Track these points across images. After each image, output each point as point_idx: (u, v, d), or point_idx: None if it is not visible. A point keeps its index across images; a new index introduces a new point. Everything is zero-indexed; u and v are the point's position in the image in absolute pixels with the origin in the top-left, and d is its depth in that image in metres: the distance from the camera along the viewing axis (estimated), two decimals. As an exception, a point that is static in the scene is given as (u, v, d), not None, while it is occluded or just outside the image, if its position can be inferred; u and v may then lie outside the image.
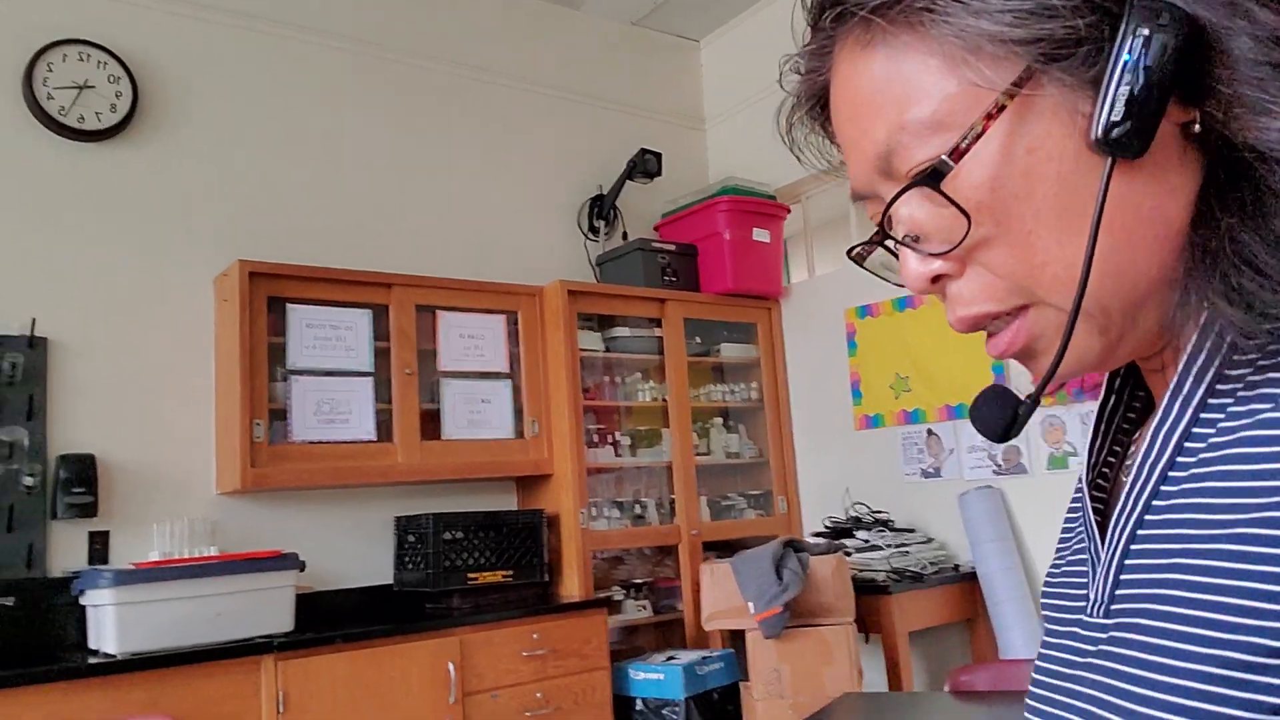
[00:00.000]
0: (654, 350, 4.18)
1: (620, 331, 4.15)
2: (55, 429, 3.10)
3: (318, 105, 3.83)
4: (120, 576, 2.75)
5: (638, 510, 4.04)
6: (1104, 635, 0.50)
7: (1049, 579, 0.63)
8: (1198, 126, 0.48)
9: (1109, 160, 0.47)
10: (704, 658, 3.43)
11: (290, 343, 3.37)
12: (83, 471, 3.03)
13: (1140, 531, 0.50)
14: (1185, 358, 0.50)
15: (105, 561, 3.08)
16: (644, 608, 3.93)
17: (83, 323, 3.21)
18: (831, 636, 3.17)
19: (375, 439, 3.47)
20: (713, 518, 4.20)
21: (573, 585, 3.69)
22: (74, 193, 3.28)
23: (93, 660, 2.70)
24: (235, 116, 3.64)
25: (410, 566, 3.52)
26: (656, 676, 3.38)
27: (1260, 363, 0.47)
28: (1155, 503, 0.49)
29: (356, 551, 3.60)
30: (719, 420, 4.42)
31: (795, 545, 3.28)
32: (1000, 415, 0.53)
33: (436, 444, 3.60)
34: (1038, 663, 0.59)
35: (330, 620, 3.30)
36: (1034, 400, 0.51)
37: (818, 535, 3.77)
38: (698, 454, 4.19)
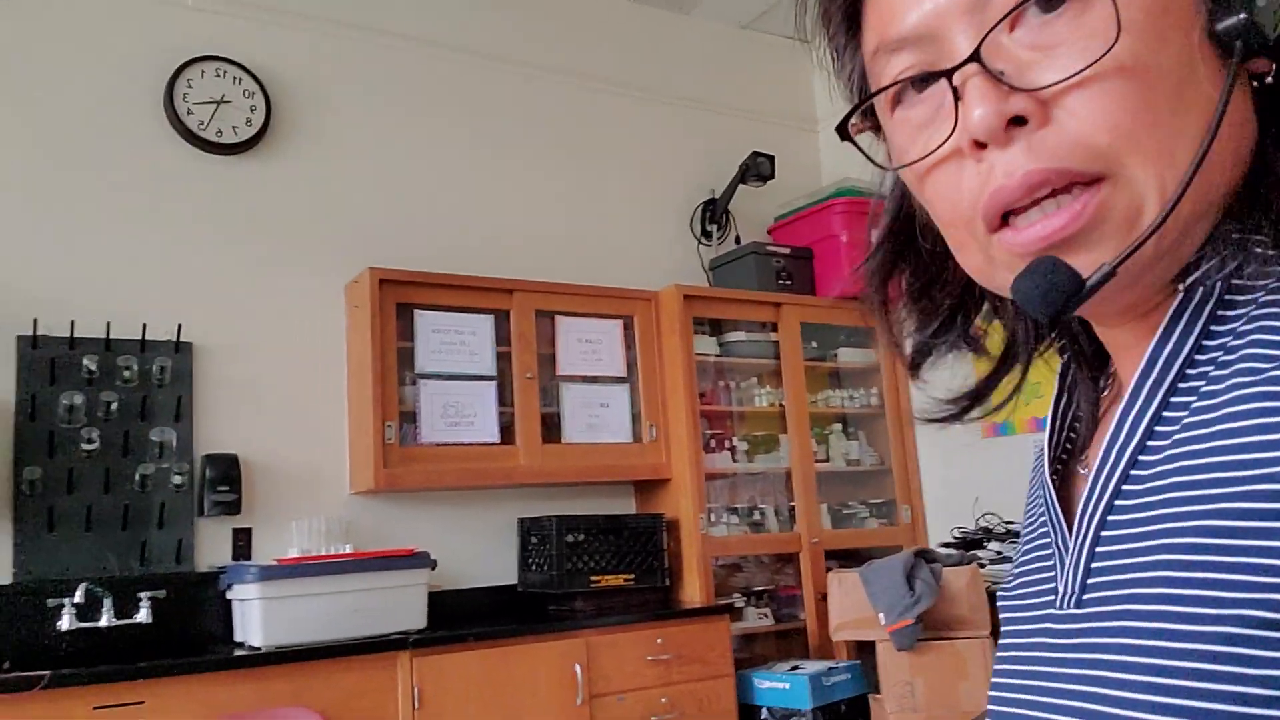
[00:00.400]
0: (769, 355, 4.14)
1: (735, 336, 4.12)
2: (201, 430, 3.22)
3: (439, 116, 3.91)
4: (265, 572, 2.83)
5: (756, 516, 4.00)
6: (1078, 627, 0.49)
7: (1007, 582, 0.61)
8: (1270, 79, 0.48)
9: (1239, 44, 0.46)
10: (830, 668, 3.37)
11: (418, 347, 3.44)
12: (227, 471, 3.13)
13: (1111, 518, 0.48)
14: (1157, 337, 0.48)
15: (248, 557, 3.18)
16: (765, 615, 3.89)
17: (224, 328, 3.33)
18: (966, 650, 3.08)
19: (498, 442, 3.51)
20: (833, 526, 4.13)
21: (693, 591, 3.67)
22: (213, 204, 3.41)
23: (239, 652, 2.79)
24: (363, 128, 3.74)
25: (534, 568, 3.55)
26: (782, 686, 3.34)
27: (1231, 343, 0.46)
28: (1126, 488, 0.48)
29: (481, 551, 3.65)
30: (838, 426, 4.36)
31: (927, 556, 3.21)
32: (1057, 287, 0.46)
33: (557, 447, 3.63)
34: (1000, 665, 0.56)
35: (458, 619, 3.35)
36: (1110, 270, 0.45)
37: (947, 546, 3.68)
38: (816, 460, 4.13)
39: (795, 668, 3.43)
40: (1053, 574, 0.54)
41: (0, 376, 2.94)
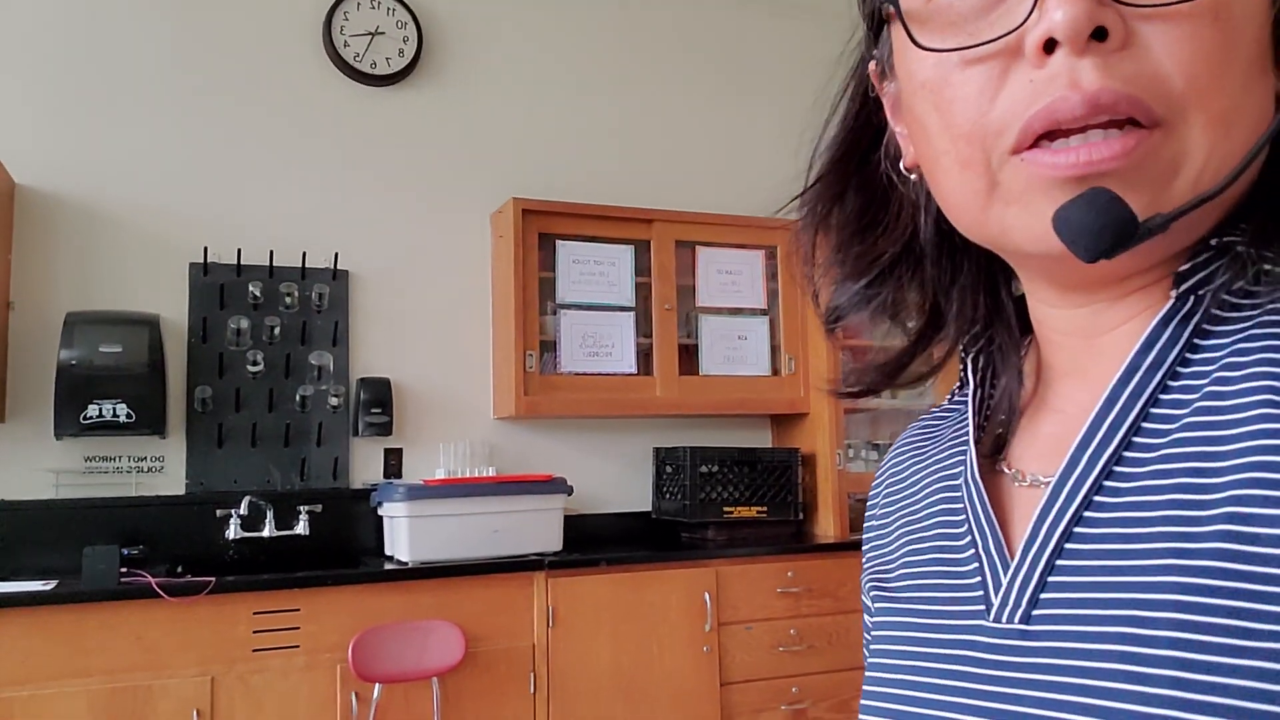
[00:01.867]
0: (918, 288, 3.99)
1: (882, 267, 3.99)
2: (356, 354, 3.40)
3: (583, 43, 3.89)
4: (413, 491, 3.00)
5: (896, 453, 3.92)
6: (1029, 644, 0.45)
7: (883, 572, 0.58)
8: None
9: None
10: (965, 610, 3.31)
11: (559, 278, 3.49)
12: (380, 394, 3.31)
13: (1079, 530, 0.45)
14: (1142, 342, 0.46)
15: (399, 476, 3.37)
16: (900, 553, 3.84)
17: (378, 256, 3.48)
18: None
19: (636, 372, 3.56)
20: (977, 465, 4.00)
21: (827, 526, 3.66)
22: (367, 135, 3.53)
23: (389, 566, 2.97)
24: (508, 58, 3.77)
25: (668, 496, 3.62)
26: (914, 624, 3.30)
27: (1231, 359, 0.43)
28: (1098, 499, 0.45)
29: (617, 478, 3.73)
30: (987, 363, 4.18)
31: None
32: (1114, 223, 0.42)
33: (694, 379, 3.64)
34: (897, 670, 0.52)
35: (593, 543, 3.46)
36: (1164, 223, 0.42)
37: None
38: (962, 398, 3.99)
39: (929, 608, 3.38)
40: (971, 579, 0.50)
41: (175, 301, 3.18)
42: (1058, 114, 0.42)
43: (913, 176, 0.54)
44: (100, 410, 2.84)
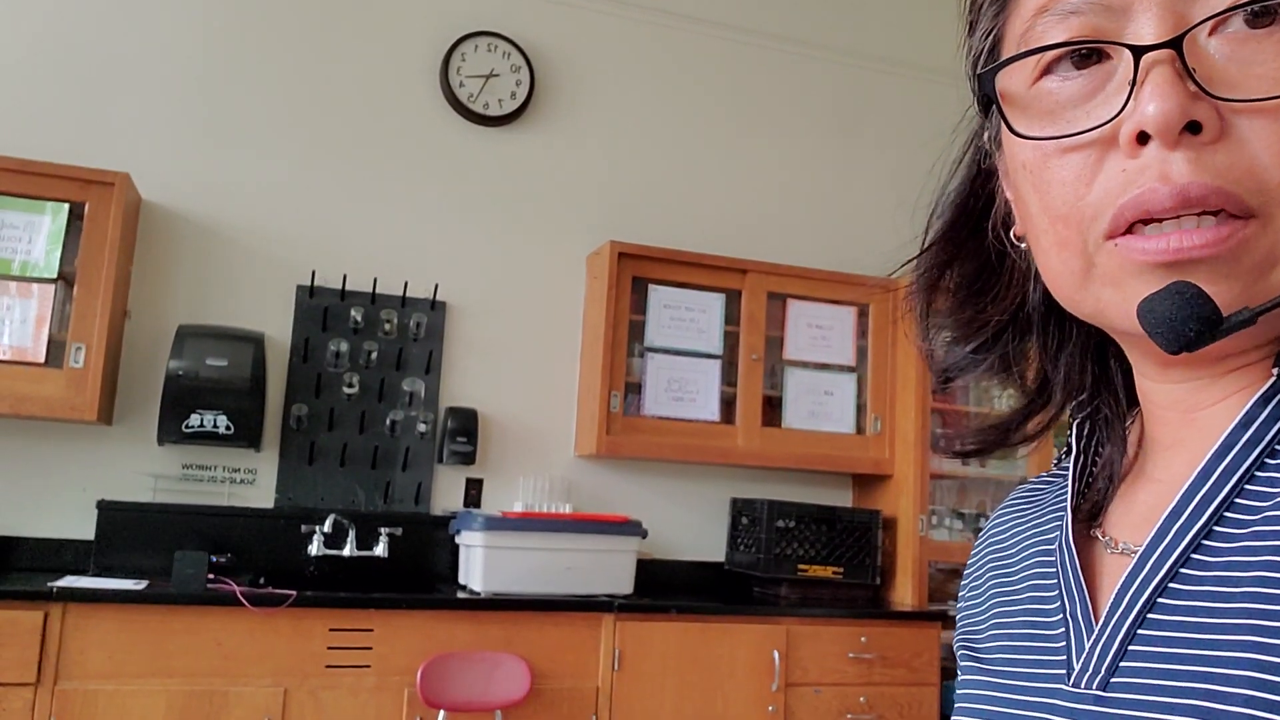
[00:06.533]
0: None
1: (978, 333, 3.91)
2: (447, 383, 3.47)
3: (688, 93, 3.95)
4: (491, 522, 3.03)
5: (983, 523, 3.81)
6: (1106, 711, 0.46)
7: (973, 632, 0.59)
8: None
9: None
10: (1045, 693, 3.18)
11: (649, 321, 3.52)
12: (467, 424, 3.37)
13: (1163, 600, 0.45)
14: (1239, 419, 0.46)
15: (478, 506, 3.42)
16: (980, 627, 3.71)
17: (475, 289, 3.56)
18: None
19: (718, 420, 3.55)
20: (1065, 542, 3.86)
21: (905, 593, 3.57)
22: (475, 172, 3.64)
23: (461, 595, 3.01)
24: (615, 104, 3.85)
25: (742, 548, 3.58)
26: (990, 703, 3.18)
27: None
28: (1184, 571, 0.45)
29: (692, 526, 3.71)
30: (1082, 437, 4.05)
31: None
32: (1196, 317, 0.42)
33: (776, 431, 3.61)
34: None
35: (663, 589, 3.44)
36: (1250, 318, 0.42)
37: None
38: (1054, 471, 3.87)
39: (1007, 688, 3.26)
40: (1057, 644, 0.51)
41: (280, 320, 3.31)
42: (1147, 204, 0.43)
43: (1023, 245, 0.55)
44: (202, 420, 2.96)
